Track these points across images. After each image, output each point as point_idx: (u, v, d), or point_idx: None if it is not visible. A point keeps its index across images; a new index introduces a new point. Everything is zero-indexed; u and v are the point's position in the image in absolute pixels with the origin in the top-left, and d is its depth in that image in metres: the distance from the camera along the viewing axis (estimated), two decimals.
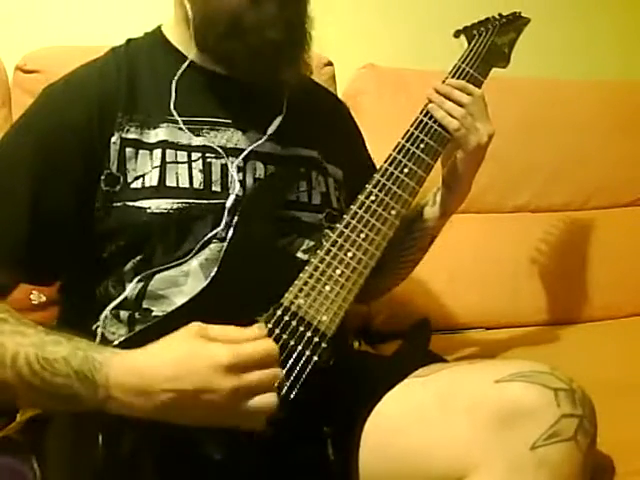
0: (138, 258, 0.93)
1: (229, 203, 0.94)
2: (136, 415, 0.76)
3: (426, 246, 1.14)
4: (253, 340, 0.78)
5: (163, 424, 0.77)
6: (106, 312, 0.93)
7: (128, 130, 0.94)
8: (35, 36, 1.49)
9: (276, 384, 0.77)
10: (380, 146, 1.02)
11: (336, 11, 0.99)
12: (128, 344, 0.85)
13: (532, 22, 1.21)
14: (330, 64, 1.57)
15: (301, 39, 0.98)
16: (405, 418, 0.88)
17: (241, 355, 0.75)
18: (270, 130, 1.00)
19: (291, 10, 0.94)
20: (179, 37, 1.01)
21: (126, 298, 0.93)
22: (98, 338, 0.92)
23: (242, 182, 0.96)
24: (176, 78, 0.98)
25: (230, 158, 0.97)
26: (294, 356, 0.87)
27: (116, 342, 0.87)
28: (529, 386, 0.82)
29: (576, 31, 1.97)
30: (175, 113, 0.96)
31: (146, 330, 0.89)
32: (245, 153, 0.98)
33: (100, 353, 0.78)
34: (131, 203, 0.92)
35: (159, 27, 1.05)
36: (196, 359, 0.75)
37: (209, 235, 0.93)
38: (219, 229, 0.93)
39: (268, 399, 0.76)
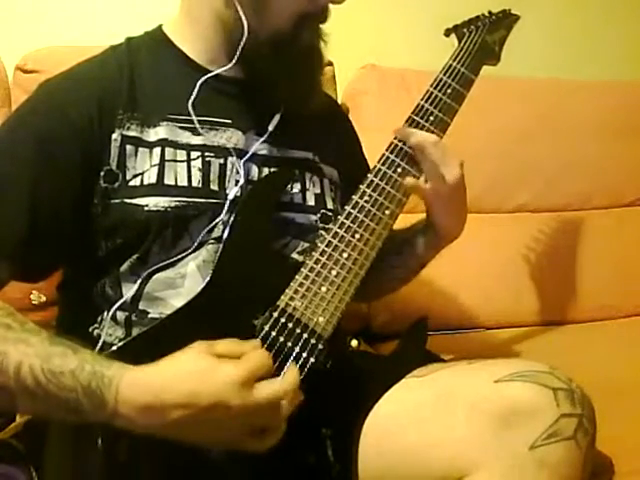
0: (135, 257, 0.93)
1: (227, 202, 0.94)
2: (143, 431, 0.76)
3: (416, 269, 1.13)
4: (254, 352, 0.79)
5: None
6: (105, 314, 0.93)
7: (129, 127, 0.94)
8: (35, 36, 1.49)
9: (283, 402, 0.78)
10: (380, 146, 1.01)
11: (336, 11, 0.98)
12: (127, 348, 0.85)
13: (534, 22, 1.21)
14: (330, 64, 1.57)
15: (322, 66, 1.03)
16: (404, 418, 0.88)
17: (250, 370, 0.76)
18: (271, 126, 1.00)
19: (321, 39, 0.99)
20: (183, 38, 1.01)
21: (124, 300, 0.93)
22: (94, 341, 0.91)
23: (238, 182, 0.96)
24: (201, 80, 0.98)
25: (230, 158, 0.97)
26: (291, 358, 0.87)
27: (115, 347, 0.87)
28: (528, 386, 0.82)
29: (578, 31, 1.97)
30: (192, 111, 0.96)
31: (145, 334, 0.89)
32: (248, 155, 0.98)
33: (109, 368, 0.77)
34: (129, 200, 0.92)
35: (160, 27, 1.04)
36: (210, 376, 0.75)
37: (206, 235, 0.93)
38: (216, 229, 0.93)
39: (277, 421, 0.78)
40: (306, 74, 1.00)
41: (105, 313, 0.93)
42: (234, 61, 0.97)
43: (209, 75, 0.98)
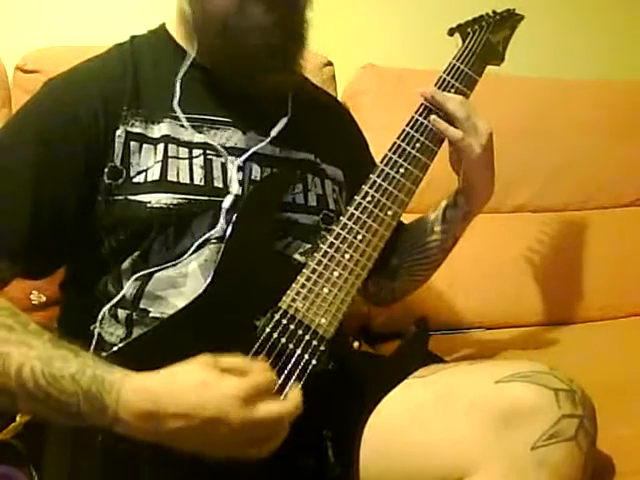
0: (136, 254, 0.93)
1: (227, 202, 0.94)
2: (143, 438, 0.75)
3: (449, 247, 1.13)
4: (259, 368, 0.78)
5: None
6: (104, 311, 0.93)
7: (133, 124, 0.94)
8: (35, 36, 1.49)
9: (284, 421, 0.76)
10: (380, 146, 1.02)
11: (336, 11, 0.98)
12: (127, 349, 0.86)
13: (532, 22, 1.20)
14: (330, 64, 1.57)
15: (294, 43, 0.97)
16: (405, 419, 0.89)
17: (254, 386, 0.75)
18: (274, 132, 1.00)
19: (280, 14, 0.93)
20: (182, 34, 1.02)
21: (124, 297, 0.92)
22: (95, 339, 0.91)
23: (241, 182, 0.96)
24: (180, 75, 0.98)
25: (230, 157, 0.97)
26: (293, 360, 0.87)
27: (116, 347, 0.87)
28: (529, 386, 0.82)
29: (576, 31, 1.97)
30: (178, 110, 0.96)
31: (146, 335, 0.89)
32: (247, 154, 0.98)
33: (110, 373, 0.76)
34: (132, 197, 0.92)
35: (163, 24, 1.05)
36: (213, 389, 0.74)
37: (207, 234, 0.93)
38: (217, 228, 0.93)
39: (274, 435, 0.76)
40: (262, 53, 0.94)
41: (105, 310, 0.93)
42: (194, 53, 0.99)
43: (182, 73, 0.98)
